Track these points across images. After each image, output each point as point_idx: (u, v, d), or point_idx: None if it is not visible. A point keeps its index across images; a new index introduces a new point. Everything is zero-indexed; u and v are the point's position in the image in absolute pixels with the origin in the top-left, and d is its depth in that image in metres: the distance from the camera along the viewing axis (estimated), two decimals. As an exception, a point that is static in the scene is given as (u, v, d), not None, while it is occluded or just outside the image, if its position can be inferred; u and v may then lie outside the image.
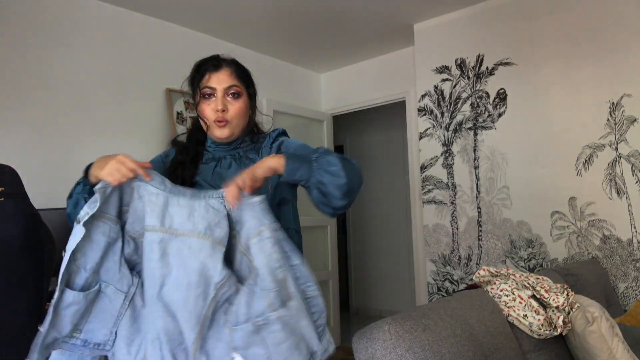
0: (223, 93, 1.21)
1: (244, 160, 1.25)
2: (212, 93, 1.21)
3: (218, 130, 1.21)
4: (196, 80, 1.24)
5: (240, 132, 1.26)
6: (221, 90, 1.21)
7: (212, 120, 1.21)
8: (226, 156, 1.27)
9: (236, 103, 1.23)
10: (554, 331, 1.63)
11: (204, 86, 1.22)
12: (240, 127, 1.25)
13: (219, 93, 1.21)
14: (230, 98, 1.22)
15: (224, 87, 1.21)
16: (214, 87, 1.21)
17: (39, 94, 2.58)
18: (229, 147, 1.27)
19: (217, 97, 1.21)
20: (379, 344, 1.20)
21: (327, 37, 3.61)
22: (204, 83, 1.22)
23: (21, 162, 1.66)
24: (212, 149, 1.29)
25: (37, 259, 1.25)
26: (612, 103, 2.59)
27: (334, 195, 1.02)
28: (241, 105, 1.23)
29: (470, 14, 3.16)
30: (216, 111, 1.20)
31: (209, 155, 1.28)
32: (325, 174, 1.02)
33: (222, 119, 1.20)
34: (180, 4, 2.96)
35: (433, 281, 3.29)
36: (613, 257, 2.56)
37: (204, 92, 1.22)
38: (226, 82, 1.21)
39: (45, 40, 2.62)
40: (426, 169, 3.37)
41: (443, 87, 3.29)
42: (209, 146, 1.29)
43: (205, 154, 1.29)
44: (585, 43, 2.68)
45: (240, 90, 1.24)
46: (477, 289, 1.72)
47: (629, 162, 2.53)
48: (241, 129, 1.26)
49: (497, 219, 3.00)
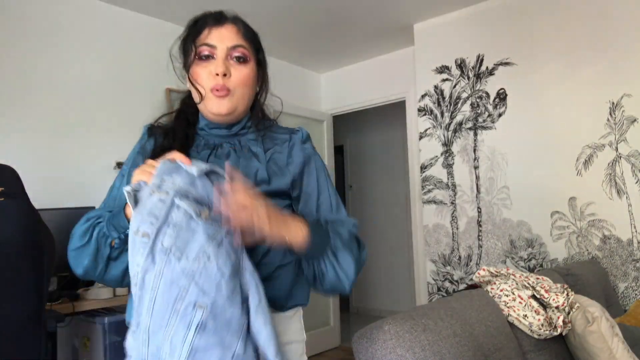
0: (226, 54, 0.94)
1: (246, 152, 0.98)
2: (211, 53, 0.94)
3: (216, 102, 0.93)
4: (190, 37, 0.96)
5: (243, 111, 0.99)
6: (223, 49, 0.94)
7: (209, 88, 0.93)
8: (223, 143, 0.99)
9: (242, 69, 0.95)
10: (554, 331, 1.63)
11: (202, 43, 0.94)
12: (244, 102, 0.97)
13: (220, 53, 0.94)
14: (235, 62, 0.95)
15: (228, 46, 0.94)
16: (214, 45, 0.94)
17: (39, 94, 2.58)
18: (228, 130, 1.00)
19: (218, 58, 0.94)
20: (379, 344, 1.20)
21: (327, 37, 3.61)
22: (201, 40, 0.95)
23: (21, 163, 1.66)
24: (205, 132, 1.01)
25: (37, 259, 1.25)
26: (612, 103, 2.59)
27: (325, 289, 0.91)
28: (248, 72, 0.96)
29: (470, 14, 3.17)
30: (215, 75, 0.93)
31: (200, 141, 1.00)
32: (331, 271, 0.87)
33: (223, 87, 0.93)
34: (180, 4, 2.96)
35: (433, 281, 3.29)
36: (613, 257, 2.56)
37: (200, 51, 0.94)
38: (230, 40, 0.95)
39: (45, 40, 2.62)
40: (426, 169, 3.37)
41: (443, 87, 3.29)
42: (201, 129, 1.01)
43: (196, 138, 1.01)
44: (585, 43, 2.68)
45: (248, 53, 0.97)
46: (477, 289, 1.72)
47: (629, 162, 2.53)
48: (245, 106, 0.98)
49: (497, 219, 3.00)
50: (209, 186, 0.82)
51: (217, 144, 0.99)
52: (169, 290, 0.73)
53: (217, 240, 0.78)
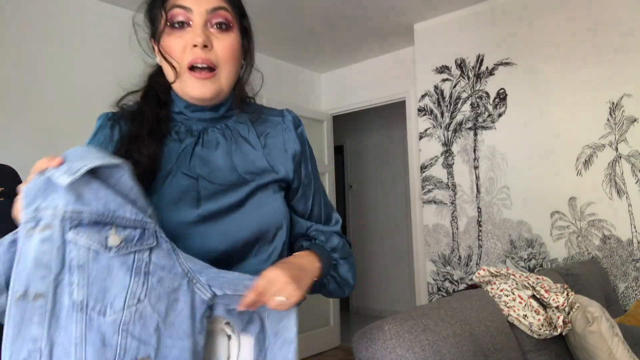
0: (205, 19, 0.75)
1: (237, 137, 0.83)
2: (186, 19, 0.75)
3: (197, 84, 0.75)
4: (157, 1, 0.78)
5: (229, 90, 0.81)
6: (202, 13, 0.75)
7: (187, 64, 0.75)
8: (208, 129, 0.82)
9: (225, 38, 0.77)
10: (554, 331, 1.63)
11: (173, 5, 0.75)
12: (230, 80, 0.80)
13: (198, 18, 0.75)
14: (216, 30, 0.76)
15: (207, 8, 0.75)
16: (190, 8, 0.74)
17: (39, 94, 2.58)
18: (213, 113, 0.82)
19: (195, 25, 0.75)
20: (379, 344, 1.20)
21: (327, 37, 3.61)
22: (172, 1, 0.76)
23: (21, 163, 1.66)
24: (184, 116, 0.82)
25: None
26: (612, 103, 2.59)
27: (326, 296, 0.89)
28: (232, 42, 0.78)
29: (470, 14, 3.16)
30: (192, 47, 0.74)
31: (180, 127, 0.82)
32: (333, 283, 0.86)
33: (204, 61, 0.74)
34: (180, 4, 2.97)
35: (433, 281, 3.29)
36: (613, 257, 2.56)
37: (172, 16, 0.75)
38: (209, 1, 0.76)
39: (45, 40, 2.62)
40: (426, 169, 3.37)
41: (443, 87, 3.29)
42: (179, 112, 0.82)
43: (173, 124, 0.82)
44: (585, 43, 2.68)
45: (231, 18, 0.78)
46: (477, 289, 1.72)
47: (629, 162, 2.53)
48: (231, 85, 0.81)
49: (497, 219, 3.00)
50: (104, 190, 0.57)
51: (201, 130, 0.81)
52: (102, 356, 0.55)
53: (141, 269, 0.59)
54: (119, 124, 0.81)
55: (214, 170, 0.79)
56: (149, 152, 0.75)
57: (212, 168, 0.79)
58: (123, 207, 0.58)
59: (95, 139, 0.81)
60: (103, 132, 0.81)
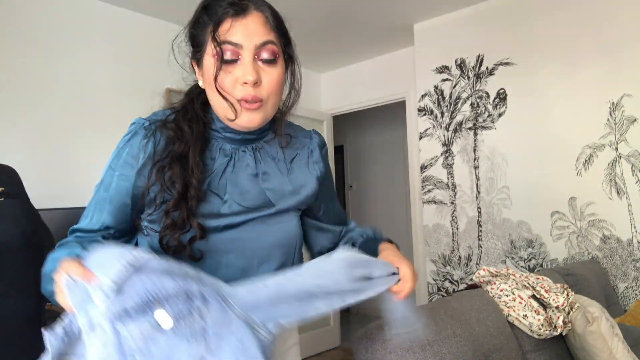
0: (253, 54, 0.75)
1: (266, 159, 0.85)
2: (235, 56, 0.75)
3: (246, 115, 0.76)
4: (205, 28, 0.77)
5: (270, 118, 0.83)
6: (251, 49, 0.75)
7: (237, 99, 0.76)
8: (239, 149, 0.84)
9: (272, 72, 0.78)
10: (554, 331, 1.63)
11: (223, 41, 0.74)
12: (274, 110, 0.82)
13: (247, 54, 0.75)
14: (264, 63, 0.77)
15: (256, 43, 0.75)
16: (240, 44, 0.74)
17: (39, 94, 2.58)
18: (251, 134, 0.83)
19: (245, 61, 0.75)
20: (379, 344, 1.20)
21: (327, 37, 3.61)
22: (221, 35, 0.74)
23: (21, 162, 1.66)
24: (219, 134, 0.83)
25: (37, 259, 1.25)
26: (612, 103, 2.59)
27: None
28: (279, 75, 0.79)
29: (470, 14, 3.16)
30: (243, 84, 0.75)
31: (213, 144, 0.83)
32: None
33: (254, 98, 0.75)
34: (180, 4, 2.96)
35: (433, 281, 3.29)
36: (613, 257, 2.56)
37: (222, 50, 0.74)
38: (259, 35, 0.76)
39: (45, 40, 2.62)
40: (426, 169, 3.36)
41: (443, 87, 3.29)
42: (215, 131, 0.83)
43: (211, 141, 0.83)
44: (585, 43, 2.68)
45: (277, 50, 0.79)
46: (477, 289, 1.72)
47: (629, 162, 2.53)
48: (274, 113, 0.83)
49: (497, 219, 3.00)
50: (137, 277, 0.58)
51: (233, 150, 0.83)
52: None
53: (200, 333, 0.60)
54: (155, 136, 0.80)
55: (244, 192, 0.82)
56: (199, 176, 0.77)
57: (242, 190, 0.81)
58: (160, 281, 0.59)
59: (129, 144, 0.80)
60: (137, 139, 0.80)
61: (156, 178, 0.77)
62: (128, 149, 0.80)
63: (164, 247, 0.76)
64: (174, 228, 0.75)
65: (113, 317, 0.57)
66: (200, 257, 0.77)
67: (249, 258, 0.81)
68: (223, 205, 0.80)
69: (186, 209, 0.75)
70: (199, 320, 0.61)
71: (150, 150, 0.79)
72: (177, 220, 0.75)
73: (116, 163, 0.80)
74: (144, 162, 0.78)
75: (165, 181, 0.76)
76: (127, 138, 0.81)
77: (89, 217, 0.81)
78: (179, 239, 0.76)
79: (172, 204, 0.76)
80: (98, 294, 0.57)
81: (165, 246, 0.76)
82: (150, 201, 0.78)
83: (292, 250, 0.87)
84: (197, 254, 0.77)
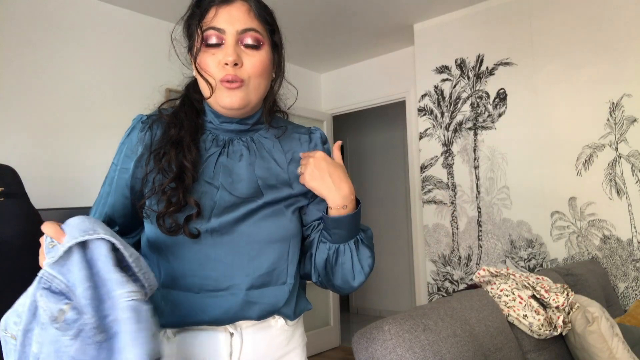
0: (235, 39, 0.81)
1: (261, 150, 0.88)
2: (219, 39, 0.81)
3: (227, 94, 0.81)
4: (195, 18, 0.84)
5: (257, 103, 0.87)
6: (233, 33, 0.81)
7: (219, 79, 0.81)
8: (234, 140, 0.88)
9: (254, 55, 0.83)
10: (554, 331, 1.63)
11: (208, 27, 0.82)
12: (258, 93, 0.85)
13: (230, 38, 0.81)
14: (247, 48, 0.82)
15: (238, 29, 0.81)
16: (222, 29, 0.81)
17: (39, 94, 2.58)
18: (240, 125, 0.87)
19: (227, 44, 0.81)
20: (379, 344, 1.20)
21: (327, 37, 3.61)
22: (207, 22, 0.82)
23: (21, 162, 1.66)
24: (213, 125, 0.88)
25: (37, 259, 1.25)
26: (612, 103, 2.59)
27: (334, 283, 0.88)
28: (261, 58, 0.84)
29: (470, 14, 3.16)
30: (224, 65, 0.80)
31: (208, 135, 0.87)
32: (348, 262, 0.86)
33: (234, 78, 0.80)
34: (180, 4, 2.96)
35: (433, 281, 3.29)
36: (613, 257, 2.56)
37: (207, 36, 0.81)
38: (241, 22, 0.81)
39: (45, 40, 2.62)
40: (426, 169, 3.36)
41: (443, 87, 3.29)
42: (209, 121, 0.88)
43: (205, 132, 0.88)
44: (585, 43, 2.68)
45: (261, 37, 0.84)
46: (477, 289, 1.72)
47: (629, 162, 2.53)
48: (259, 98, 0.86)
49: (497, 219, 3.00)
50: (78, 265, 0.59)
51: (226, 141, 0.87)
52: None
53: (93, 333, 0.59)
54: (152, 128, 0.85)
55: (236, 181, 0.84)
56: (193, 158, 0.81)
57: (234, 179, 0.84)
58: (81, 286, 0.59)
59: (128, 139, 0.86)
60: (136, 133, 0.86)
61: (154, 163, 0.81)
62: (127, 143, 0.85)
63: (160, 226, 0.79)
64: (170, 205, 0.78)
65: (45, 280, 0.59)
66: (197, 234, 0.79)
67: (239, 254, 0.82)
68: (215, 195, 0.83)
69: (182, 187, 0.79)
70: (67, 340, 0.60)
71: (148, 141, 0.84)
72: (174, 199, 0.79)
73: (118, 158, 0.86)
74: (142, 152, 0.83)
75: (162, 164, 0.81)
76: (127, 133, 0.87)
77: (93, 210, 0.87)
78: (176, 218, 0.79)
79: (169, 180, 0.80)
80: (54, 252, 0.59)
81: (162, 225, 0.79)
82: (149, 186, 0.82)
83: (286, 247, 0.87)
84: (195, 231, 0.79)
